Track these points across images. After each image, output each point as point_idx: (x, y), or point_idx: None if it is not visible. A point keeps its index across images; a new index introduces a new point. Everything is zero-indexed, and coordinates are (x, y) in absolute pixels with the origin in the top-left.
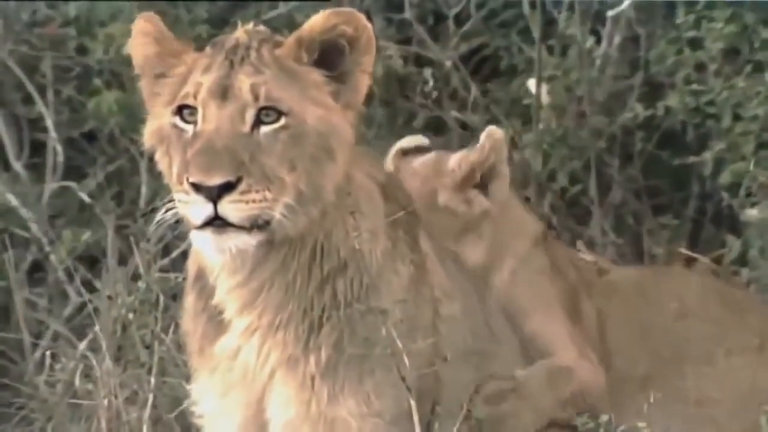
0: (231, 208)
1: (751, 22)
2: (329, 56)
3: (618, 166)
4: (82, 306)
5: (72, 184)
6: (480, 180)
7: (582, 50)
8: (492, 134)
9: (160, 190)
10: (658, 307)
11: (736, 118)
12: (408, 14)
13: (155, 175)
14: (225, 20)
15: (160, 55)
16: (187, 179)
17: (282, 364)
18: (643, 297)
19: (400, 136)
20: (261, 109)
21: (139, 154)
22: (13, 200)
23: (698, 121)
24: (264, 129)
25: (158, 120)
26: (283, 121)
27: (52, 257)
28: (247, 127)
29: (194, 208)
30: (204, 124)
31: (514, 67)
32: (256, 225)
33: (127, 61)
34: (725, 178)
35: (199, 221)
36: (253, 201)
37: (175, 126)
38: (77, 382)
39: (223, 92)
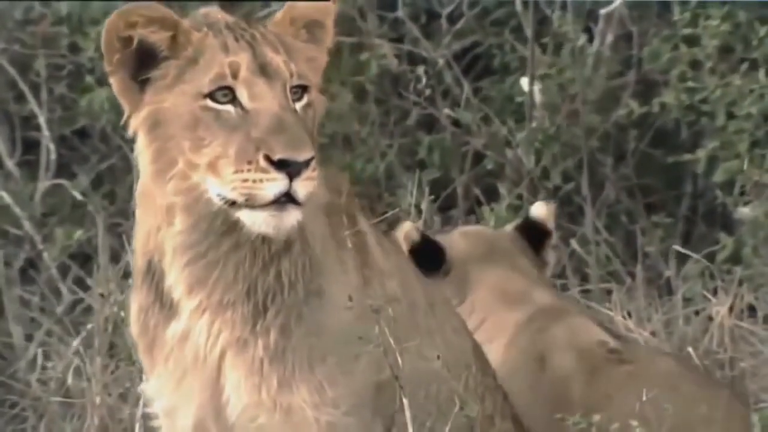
0: (303, 184)
1: (746, 19)
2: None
3: (611, 164)
4: (74, 304)
5: (64, 182)
6: None
7: (575, 48)
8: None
9: None
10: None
11: (730, 116)
12: (401, 12)
13: None
14: None
15: (173, 38)
16: (267, 157)
17: (231, 345)
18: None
19: (393, 134)
20: (292, 86)
21: (131, 151)
22: (6, 198)
23: (692, 119)
24: (297, 105)
25: (155, 105)
26: (306, 98)
27: (45, 255)
28: (293, 104)
29: (271, 185)
30: (256, 103)
31: (507, 65)
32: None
33: None
34: (719, 176)
35: (270, 198)
36: (314, 177)
37: (208, 109)
38: (70, 379)
39: (263, 70)
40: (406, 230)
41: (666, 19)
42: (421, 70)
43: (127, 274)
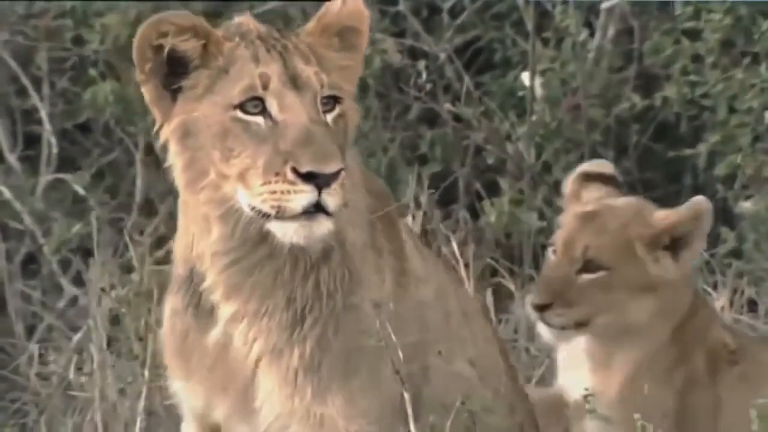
0: (334, 195)
1: (748, 13)
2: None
3: (612, 158)
4: (75, 298)
5: (66, 176)
6: (671, 243)
7: (576, 42)
8: (699, 204)
9: (154, 182)
10: None
11: (732, 110)
12: (402, 7)
13: (150, 167)
14: (218, 14)
15: (204, 47)
16: (294, 169)
17: (266, 354)
18: None
19: (394, 129)
20: (322, 97)
21: (134, 145)
22: (7, 192)
23: (694, 113)
24: (328, 117)
25: (186, 114)
26: (338, 109)
27: (46, 249)
28: (323, 116)
29: (299, 197)
30: (286, 114)
31: (508, 59)
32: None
33: (123, 52)
34: (720, 170)
35: (299, 210)
36: (343, 188)
37: (237, 120)
38: (71, 374)
39: (294, 82)
40: None
41: (667, 13)
42: (422, 64)
43: (129, 269)
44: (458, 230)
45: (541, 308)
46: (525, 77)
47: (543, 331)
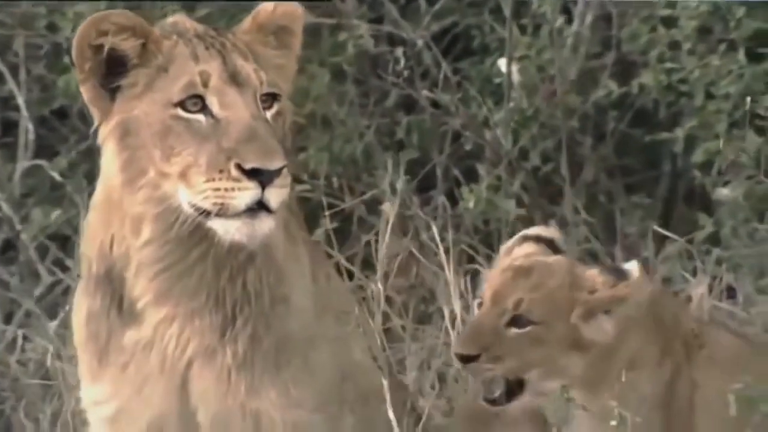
0: (276, 193)
1: (725, 0)
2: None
3: (590, 145)
4: (53, 285)
5: (43, 162)
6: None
7: (553, 29)
8: (637, 278)
9: None
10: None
11: (709, 96)
12: None
13: None
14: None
15: (143, 46)
16: (239, 166)
17: (199, 355)
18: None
19: (372, 115)
20: (262, 95)
21: None
22: None
23: (671, 100)
24: (267, 114)
25: (125, 113)
26: (276, 107)
27: (24, 236)
28: (263, 113)
29: (244, 195)
30: (228, 111)
31: (486, 46)
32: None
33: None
34: (697, 156)
35: (242, 207)
36: (286, 186)
37: (178, 118)
38: (49, 361)
39: (234, 79)
40: None
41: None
42: (399, 51)
43: None
44: (437, 216)
45: (466, 359)
46: (501, 64)
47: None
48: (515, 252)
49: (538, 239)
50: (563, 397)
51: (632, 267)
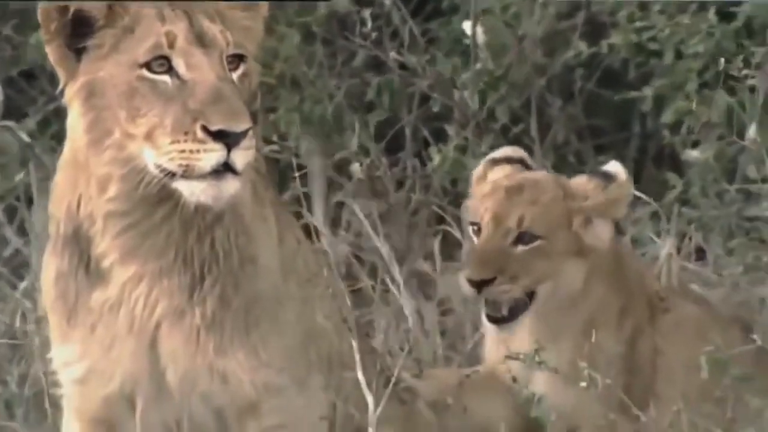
0: (241, 154)
1: None
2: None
3: (559, 105)
4: (21, 247)
5: (12, 123)
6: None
7: None
8: (623, 173)
9: None
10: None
11: (679, 55)
12: None
13: None
14: None
15: (109, 7)
16: (204, 128)
17: (168, 315)
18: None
19: (340, 76)
20: (228, 56)
21: None
22: None
23: (641, 60)
24: (233, 75)
25: (91, 74)
26: (242, 68)
27: None
28: (229, 74)
29: (209, 156)
30: (194, 72)
31: (455, 6)
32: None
33: None
34: (667, 117)
35: (208, 169)
36: (252, 147)
37: (144, 79)
38: (17, 323)
39: (200, 40)
40: None
41: None
42: (367, 12)
43: None
44: (406, 177)
45: (481, 284)
46: (466, 27)
47: (487, 323)
48: (493, 175)
49: (508, 160)
50: (533, 359)
51: (615, 168)
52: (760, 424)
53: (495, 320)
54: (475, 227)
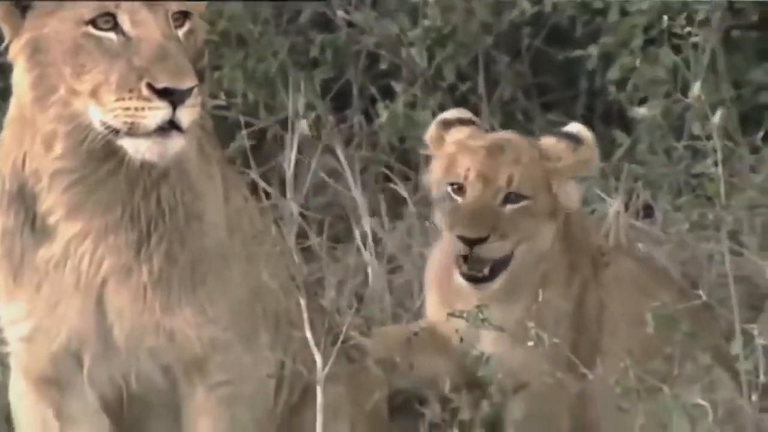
0: (187, 112)
1: None
2: None
3: (506, 63)
4: None
5: None
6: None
7: None
8: (587, 132)
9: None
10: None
11: (624, 13)
12: None
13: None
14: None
15: None
16: (149, 85)
17: (114, 273)
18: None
19: (286, 33)
20: (173, 13)
21: None
22: None
23: (587, 18)
24: (179, 32)
25: (36, 30)
26: (188, 25)
27: None
28: (175, 32)
29: (154, 114)
30: (139, 30)
31: None
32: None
33: None
34: (613, 74)
35: (153, 127)
36: (197, 105)
37: (89, 36)
38: None
39: None
40: None
41: None
42: None
43: None
44: (353, 135)
45: (475, 242)
46: None
47: (464, 284)
48: (453, 136)
49: (460, 122)
50: (478, 317)
51: (578, 129)
52: (707, 381)
53: (474, 279)
54: (455, 186)
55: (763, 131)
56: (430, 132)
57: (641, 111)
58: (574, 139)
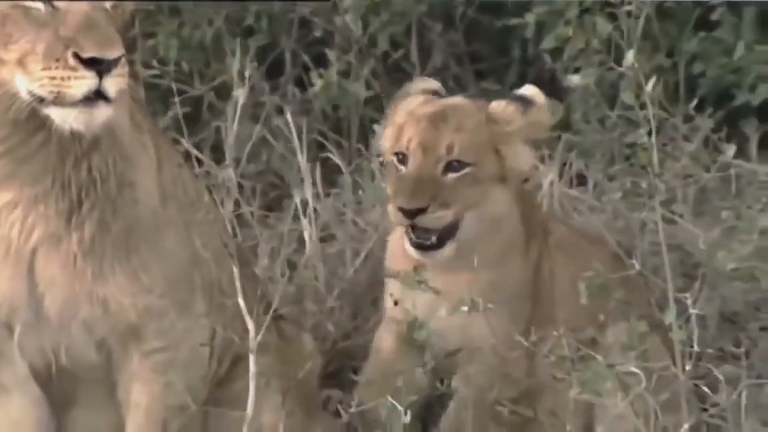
0: (114, 82)
1: None
2: None
3: (439, 31)
4: None
5: None
6: None
7: None
8: (540, 95)
9: None
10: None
11: None
12: None
13: None
14: None
15: None
16: (76, 55)
17: (45, 241)
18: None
19: (222, 1)
20: None
21: None
22: None
23: None
24: (106, 2)
25: None
26: None
27: None
28: (102, 1)
29: (80, 84)
30: None
31: None
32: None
33: None
34: (547, 42)
35: (79, 96)
36: (124, 75)
37: (16, 5)
38: None
39: None
40: None
41: None
42: None
43: None
44: (287, 103)
45: (415, 213)
46: None
47: (414, 252)
48: (405, 106)
49: (423, 92)
50: (414, 280)
51: (531, 91)
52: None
53: (423, 248)
54: (399, 156)
55: (696, 100)
56: (395, 104)
57: (575, 79)
58: (526, 102)
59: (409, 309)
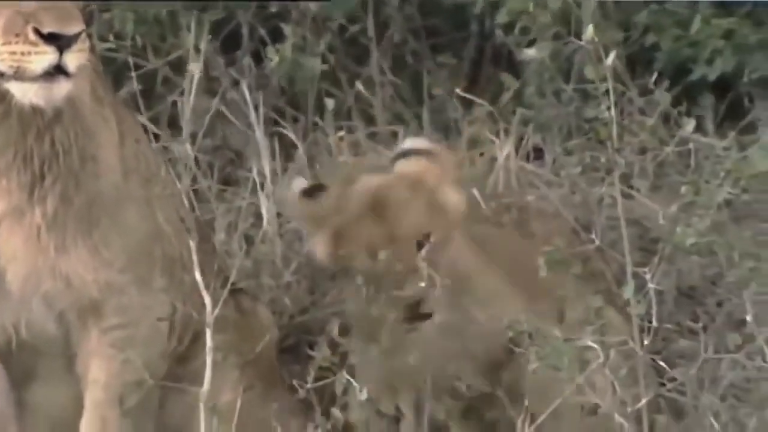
0: (74, 57)
1: None
2: None
3: (396, 4)
4: None
5: None
6: None
7: None
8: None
9: None
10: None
11: None
12: None
13: None
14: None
15: None
16: (36, 30)
17: (6, 215)
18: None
19: None
20: None
21: None
22: None
23: None
24: None
25: None
26: None
27: None
28: None
29: (40, 59)
30: None
31: None
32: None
33: None
34: (501, 17)
35: (39, 71)
36: (85, 50)
37: None
38: None
39: None
40: None
41: None
42: None
43: None
44: (243, 77)
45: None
46: None
47: None
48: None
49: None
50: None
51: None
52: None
53: None
54: None
55: (656, 74)
56: None
57: (530, 53)
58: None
59: None
